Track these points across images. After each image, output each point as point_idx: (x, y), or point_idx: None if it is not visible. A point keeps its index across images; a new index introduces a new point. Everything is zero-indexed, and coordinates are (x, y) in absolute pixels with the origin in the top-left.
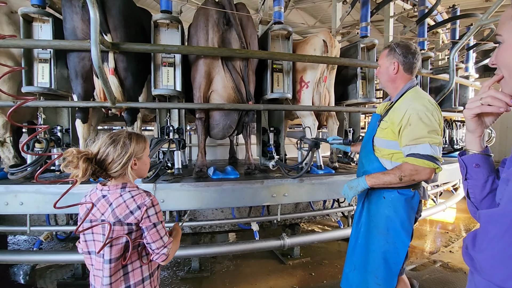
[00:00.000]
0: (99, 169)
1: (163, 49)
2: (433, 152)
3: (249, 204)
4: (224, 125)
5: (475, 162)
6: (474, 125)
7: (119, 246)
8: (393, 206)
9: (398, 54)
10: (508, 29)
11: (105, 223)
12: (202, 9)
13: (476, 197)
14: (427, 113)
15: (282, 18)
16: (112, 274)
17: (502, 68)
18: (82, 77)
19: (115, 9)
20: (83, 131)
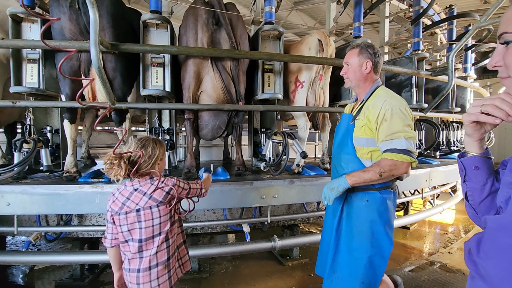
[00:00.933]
0: (131, 168)
1: (162, 49)
2: (408, 146)
3: (237, 206)
4: (213, 126)
5: (475, 164)
6: (471, 130)
7: (166, 222)
8: (377, 209)
9: (370, 54)
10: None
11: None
12: (191, 9)
13: (474, 199)
14: (401, 108)
15: (273, 18)
16: (159, 245)
17: (510, 68)
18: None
19: (103, 9)
20: (70, 131)
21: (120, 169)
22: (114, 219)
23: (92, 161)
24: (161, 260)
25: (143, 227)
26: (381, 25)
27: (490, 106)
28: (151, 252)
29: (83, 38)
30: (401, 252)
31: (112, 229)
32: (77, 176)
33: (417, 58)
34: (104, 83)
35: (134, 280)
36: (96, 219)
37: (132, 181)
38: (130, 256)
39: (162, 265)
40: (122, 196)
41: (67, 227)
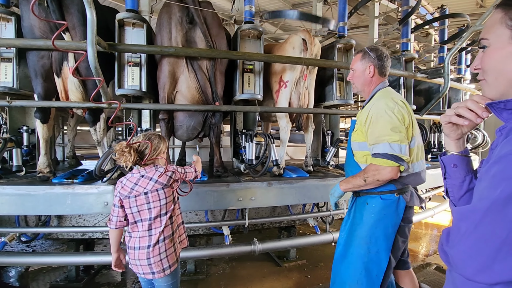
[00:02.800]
0: (138, 158)
1: (160, 50)
2: (392, 150)
3: (212, 208)
4: (188, 127)
5: (453, 162)
6: (447, 130)
7: (170, 202)
8: (376, 213)
9: (372, 57)
10: (496, 33)
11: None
12: (165, 7)
13: (454, 195)
14: (387, 111)
15: (253, 17)
16: (166, 222)
17: (487, 72)
18: (42, 76)
19: (74, 7)
20: (42, 131)
21: (130, 156)
22: (123, 203)
23: (77, 161)
24: (167, 234)
25: (151, 207)
26: (370, 25)
27: (462, 108)
28: (159, 229)
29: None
30: None
31: (119, 212)
32: (51, 177)
33: (405, 59)
34: (98, 83)
35: (144, 256)
36: (76, 220)
37: (139, 169)
38: (140, 235)
39: (168, 239)
40: (130, 182)
41: (43, 228)
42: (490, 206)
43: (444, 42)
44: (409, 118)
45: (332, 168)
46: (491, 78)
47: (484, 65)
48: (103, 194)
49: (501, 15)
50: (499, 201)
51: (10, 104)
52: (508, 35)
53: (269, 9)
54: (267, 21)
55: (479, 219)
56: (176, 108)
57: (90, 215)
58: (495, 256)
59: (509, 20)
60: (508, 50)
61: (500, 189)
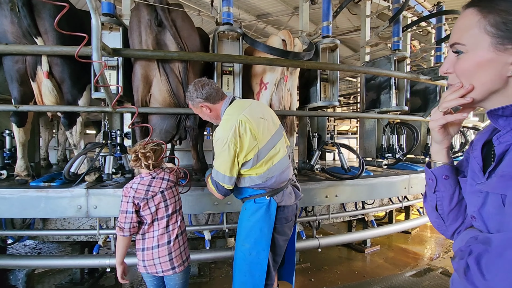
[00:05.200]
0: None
1: (163, 54)
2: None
3: (187, 212)
4: (160, 130)
5: (445, 173)
6: (441, 136)
7: (180, 199)
8: (251, 216)
9: (198, 98)
10: (474, 38)
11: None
12: (134, 11)
13: (444, 209)
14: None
15: (231, 18)
16: (179, 217)
17: (463, 79)
18: (18, 80)
19: (46, 12)
20: (19, 135)
21: (152, 155)
22: (139, 207)
23: None
24: (183, 229)
25: (168, 204)
26: (362, 24)
27: (446, 101)
28: (177, 224)
29: (26, 41)
30: (402, 257)
31: (132, 218)
32: (29, 180)
33: (396, 58)
34: (105, 88)
35: (165, 252)
36: (61, 223)
37: (149, 172)
38: (159, 233)
39: (184, 233)
40: (143, 185)
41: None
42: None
43: (441, 40)
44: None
45: (318, 172)
46: (465, 83)
47: (459, 72)
48: (77, 197)
49: (478, 18)
50: None
51: (17, 109)
52: (488, 41)
53: (271, 12)
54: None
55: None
56: (184, 112)
57: (74, 218)
58: None
59: (489, 26)
60: (487, 58)
61: None
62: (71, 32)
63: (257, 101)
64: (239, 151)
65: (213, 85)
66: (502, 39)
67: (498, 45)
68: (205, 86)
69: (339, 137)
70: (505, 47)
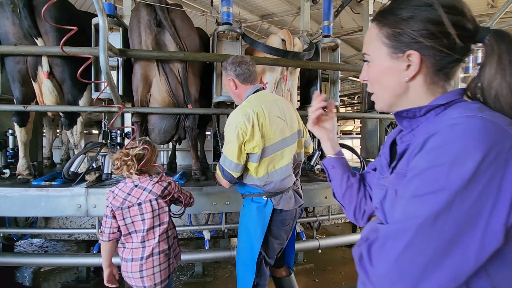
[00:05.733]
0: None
1: (169, 55)
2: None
3: (185, 212)
4: (159, 130)
5: (331, 164)
6: (317, 133)
7: (164, 214)
8: (248, 214)
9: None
10: (375, 49)
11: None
12: (134, 11)
13: (338, 195)
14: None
15: (231, 18)
16: (160, 234)
17: (373, 85)
18: (19, 81)
19: (46, 13)
20: (20, 134)
21: (133, 164)
22: (115, 214)
23: None
24: (162, 249)
25: (145, 218)
26: (364, 24)
27: (313, 110)
28: (154, 241)
29: (27, 41)
30: None
31: (111, 223)
32: (30, 179)
33: None
34: (112, 88)
35: (137, 268)
36: (63, 221)
37: (132, 179)
38: (134, 246)
39: (163, 254)
40: (123, 193)
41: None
42: (421, 225)
43: None
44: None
45: (318, 172)
46: (378, 91)
47: (370, 79)
48: (76, 196)
49: (376, 31)
50: (429, 218)
51: (25, 109)
52: (385, 51)
53: (275, 12)
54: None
55: (409, 239)
56: (179, 112)
57: (75, 217)
58: (421, 276)
59: (384, 38)
60: (386, 66)
61: (429, 205)
62: (70, 33)
63: (285, 100)
64: (247, 141)
65: (250, 66)
66: (394, 48)
67: (392, 54)
68: (242, 64)
69: (343, 137)
70: (397, 56)
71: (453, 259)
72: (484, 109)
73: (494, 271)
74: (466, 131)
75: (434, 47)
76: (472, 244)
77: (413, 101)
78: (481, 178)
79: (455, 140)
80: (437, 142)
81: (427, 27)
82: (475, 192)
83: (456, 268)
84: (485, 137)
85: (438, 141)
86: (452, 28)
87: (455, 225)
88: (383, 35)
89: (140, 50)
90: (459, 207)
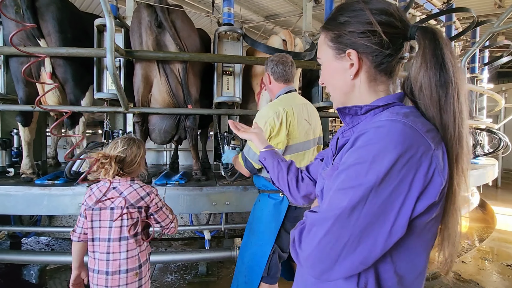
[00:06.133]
0: (119, 167)
1: (175, 56)
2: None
3: (185, 212)
4: (159, 130)
5: (263, 156)
6: (245, 135)
7: (136, 226)
8: (263, 209)
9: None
10: (324, 52)
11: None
12: (135, 12)
13: (275, 180)
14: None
15: (232, 18)
16: (129, 250)
17: (327, 86)
18: (23, 81)
19: (48, 15)
20: (24, 134)
21: (111, 168)
22: (86, 214)
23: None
24: (131, 266)
25: (112, 226)
26: None
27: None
28: (121, 256)
29: (30, 42)
30: None
31: (84, 223)
32: (34, 178)
33: None
34: (118, 89)
35: (103, 283)
36: (66, 220)
37: (113, 179)
38: (99, 257)
39: (132, 272)
40: (100, 192)
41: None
42: (339, 215)
43: (450, 38)
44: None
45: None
46: (331, 91)
47: (324, 80)
48: (78, 195)
49: (323, 37)
50: (346, 210)
51: (33, 109)
52: (331, 53)
53: (280, 13)
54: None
55: (329, 227)
56: (177, 113)
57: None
58: (337, 259)
59: (329, 41)
60: (333, 67)
61: (348, 198)
62: (75, 34)
63: (312, 106)
64: (273, 136)
65: (287, 67)
66: (337, 50)
67: (336, 55)
68: (280, 64)
69: None
70: (341, 56)
71: (364, 246)
72: (411, 114)
73: (398, 258)
74: (386, 134)
75: (366, 45)
76: (381, 234)
77: (360, 99)
78: (395, 177)
79: (377, 141)
80: (364, 141)
81: (359, 27)
82: (388, 189)
83: (366, 254)
84: (402, 140)
85: (365, 140)
86: (378, 25)
87: (369, 217)
88: (328, 39)
89: (146, 51)
90: (373, 201)
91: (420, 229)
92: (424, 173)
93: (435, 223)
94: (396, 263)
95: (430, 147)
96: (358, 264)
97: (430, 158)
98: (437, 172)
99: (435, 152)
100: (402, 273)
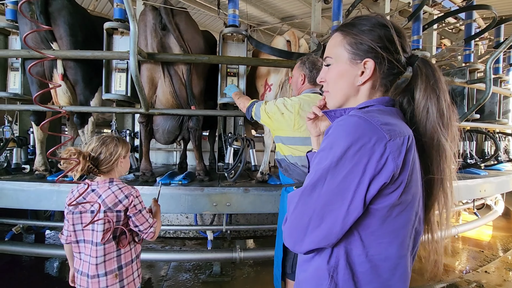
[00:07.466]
0: (92, 166)
1: (194, 58)
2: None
3: (186, 212)
4: (163, 130)
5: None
6: (309, 127)
7: (115, 228)
8: (283, 203)
9: (305, 67)
10: (337, 53)
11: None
12: (141, 15)
13: None
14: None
15: (237, 19)
16: (107, 253)
17: (330, 86)
18: (37, 83)
19: (61, 19)
20: (37, 133)
21: (78, 165)
22: (68, 218)
23: None
24: (109, 269)
25: (95, 229)
26: None
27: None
28: (98, 260)
29: (44, 46)
30: None
31: (68, 226)
32: (46, 174)
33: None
34: (140, 91)
35: (85, 284)
36: None
37: (91, 181)
38: (83, 258)
39: (111, 274)
40: (79, 195)
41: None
42: (303, 191)
43: (470, 38)
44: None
45: None
46: (332, 91)
47: (328, 79)
48: None
49: (340, 39)
50: (308, 187)
51: (61, 109)
52: (346, 56)
53: (296, 15)
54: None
55: (296, 203)
56: (175, 113)
57: None
58: (305, 232)
59: (347, 45)
60: (345, 69)
61: (310, 178)
62: (85, 37)
63: None
64: (278, 117)
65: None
66: (354, 55)
67: (352, 59)
68: (317, 71)
69: None
70: (356, 62)
71: (326, 222)
72: (375, 112)
73: (368, 243)
74: (342, 126)
75: (386, 58)
76: (341, 212)
77: (356, 104)
78: (349, 161)
79: (335, 132)
80: (329, 132)
81: (383, 41)
82: (344, 171)
83: (328, 229)
84: (353, 132)
85: (330, 132)
86: (400, 46)
87: (328, 195)
88: (346, 42)
89: (167, 53)
90: (331, 181)
91: (383, 214)
92: (377, 159)
93: (401, 213)
94: (368, 249)
95: (385, 137)
96: (322, 238)
97: (384, 147)
98: (391, 159)
99: (389, 142)
100: (376, 260)
